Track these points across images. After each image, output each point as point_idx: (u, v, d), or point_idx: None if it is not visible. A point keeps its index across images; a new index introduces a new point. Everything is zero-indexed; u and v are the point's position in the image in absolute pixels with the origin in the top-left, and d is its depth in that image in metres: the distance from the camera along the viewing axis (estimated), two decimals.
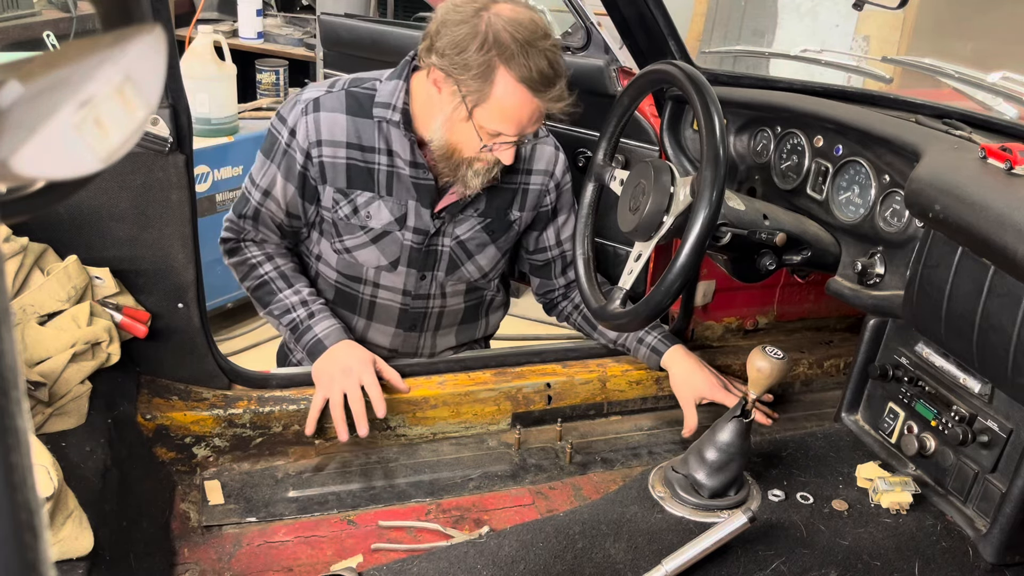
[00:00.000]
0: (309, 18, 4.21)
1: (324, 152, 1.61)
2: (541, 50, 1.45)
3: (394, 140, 1.61)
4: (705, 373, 1.74)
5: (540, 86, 1.45)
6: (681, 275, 1.29)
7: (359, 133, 1.61)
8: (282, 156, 1.63)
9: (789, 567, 1.20)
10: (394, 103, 1.59)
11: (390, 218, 1.65)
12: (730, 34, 4.06)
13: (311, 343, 1.63)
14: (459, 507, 1.54)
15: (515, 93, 1.45)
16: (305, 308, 1.66)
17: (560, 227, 1.83)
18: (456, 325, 1.85)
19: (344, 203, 1.64)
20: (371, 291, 1.74)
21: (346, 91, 1.62)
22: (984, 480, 1.30)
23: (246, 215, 1.69)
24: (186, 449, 1.56)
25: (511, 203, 1.74)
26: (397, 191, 1.64)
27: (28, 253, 1.37)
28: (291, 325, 1.66)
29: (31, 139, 0.31)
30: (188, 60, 2.80)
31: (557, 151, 1.77)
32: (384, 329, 1.78)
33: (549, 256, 1.85)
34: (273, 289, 1.68)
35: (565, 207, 1.81)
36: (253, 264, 1.70)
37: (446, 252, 1.71)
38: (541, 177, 1.75)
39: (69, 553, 1.07)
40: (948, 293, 1.27)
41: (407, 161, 1.62)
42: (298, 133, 1.61)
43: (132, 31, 0.36)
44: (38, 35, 3.02)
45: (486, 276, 1.79)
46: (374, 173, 1.63)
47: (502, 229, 1.75)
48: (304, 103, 1.62)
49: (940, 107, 1.67)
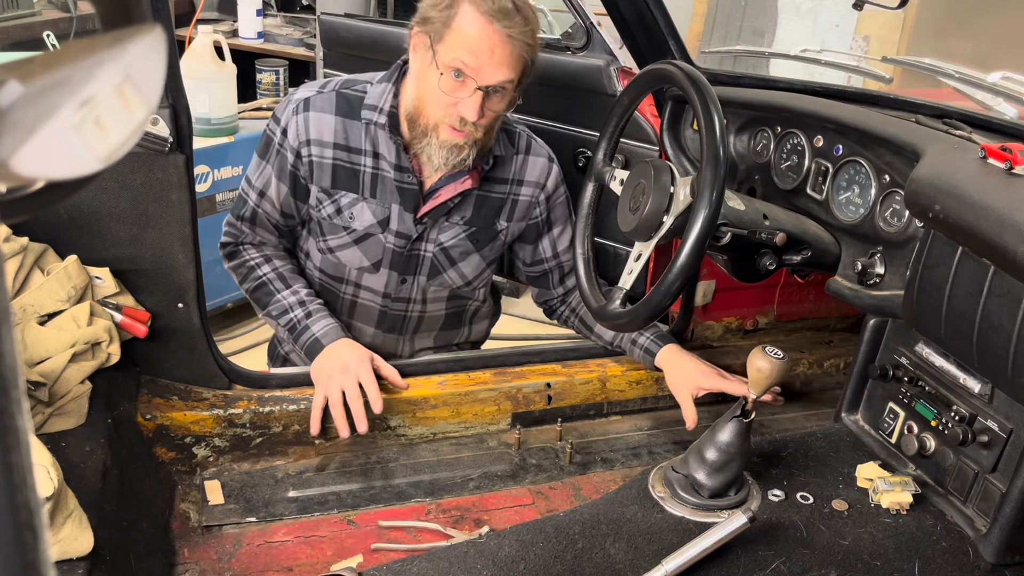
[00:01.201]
0: (309, 18, 4.21)
1: (313, 151, 1.62)
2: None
3: (380, 143, 1.62)
4: (699, 365, 1.74)
5: (498, 15, 1.46)
6: (681, 275, 1.29)
7: (347, 134, 1.62)
8: (275, 156, 1.64)
9: (789, 567, 1.20)
10: (381, 106, 1.60)
11: (373, 220, 1.65)
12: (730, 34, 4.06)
13: (309, 342, 1.63)
14: (459, 507, 1.54)
15: (472, 20, 1.47)
16: (303, 308, 1.66)
17: (556, 239, 1.82)
18: (436, 331, 1.85)
19: (328, 203, 1.65)
20: (352, 291, 1.74)
21: (337, 92, 1.63)
22: (984, 480, 1.30)
23: (244, 216, 1.69)
24: (186, 449, 1.56)
25: (498, 213, 1.73)
26: (381, 194, 1.64)
27: (28, 253, 1.37)
28: (289, 325, 1.66)
29: (31, 139, 0.31)
30: (188, 60, 2.80)
31: (551, 163, 1.76)
32: (364, 329, 1.78)
33: (546, 267, 1.85)
34: (271, 290, 1.68)
35: (560, 219, 1.81)
36: (252, 266, 1.71)
37: (428, 257, 1.71)
38: (532, 188, 1.74)
39: (69, 553, 1.07)
40: (948, 293, 1.27)
41: (392, 164, 1.62)
42: (289, 132, 1.62)
43: (132, 31, 0.36)
44: (38, 35, 3.02)
45: (469, 284, 1.79)
46: (359, 175, 1.63)
47: (487, 239, 1.74)
48: (295, 102, 1.63)
49: (940, 107, 1.68)
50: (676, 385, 1.74)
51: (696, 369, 1.73)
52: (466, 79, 1.48)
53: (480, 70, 1.48)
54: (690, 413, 1.71)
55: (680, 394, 1.73)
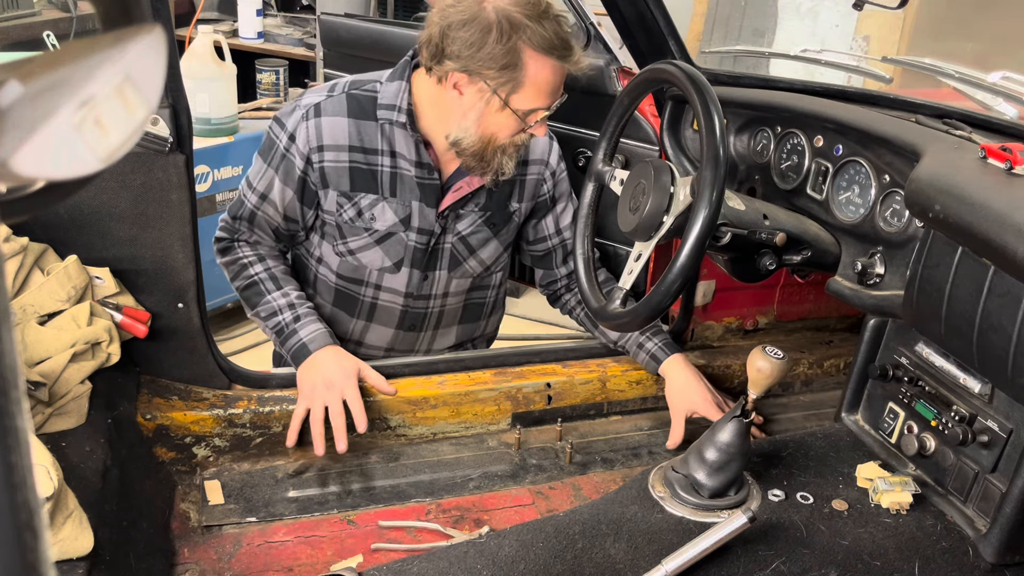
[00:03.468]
0: (309, 18, 4.21)
1: (326, 157, 1.61)
2: (552, 18, 1.50)
3: (398, 141, 1.61)
4: (702, 388, 1.72)
5: (564, 51, 1.50)
6: (681, 275, 1.29)
7: (361, 135, 1.61)
8: (280, 160, 1.63)
9: (789, 567, 1.20)
10: (399, 104, 1.60)
11: (395, 219, 1.65)
12: (730, 34, 4.06)
13: (296, 347, 1.62)
14: (459, 507, 1.54)
15: (546, 66, 1.50)
16: (292, 311, 1.65)
17: (559, 215, 1.83)
18: (456, 324, 1.85)
19: (348, 206, 1.64)
20: (372, 293, 1.73)
21: (347, 94, 1.62)
22: (984, 480, 1.29)
23: (241, 216, 1.68)
24: (186, 449, 1.56)
25: (510, 195, 1.74)
26: (401, 192, 1.64)
27: (28, 253, 1.37)
28: (276, 328, 1.65)
29: (31, 139, 0.31)
30: (188, 60, 2.80)
31: (551, 140, 1.78)
32: (383, 331, 1.78)
33: (549, 245, 1.85)
34: (262, 290, 1.67)
35: (563, 195, 1.82)
36: (244, 264, 1.69)
37: (448, 249, 1.71)
38: (537, 167, 1.76)
39: (69, 553, 1.07)
40: (948, 293, 1.27)
41: (412, 161, 1.62)
42: (298, 138, 1.60)
43: (132, 31, 0.36)
44: (38, 35, 3.02)
45: (488, 269, 1.80)
46: (377, 175, 1.63)
47: (503, 221, 1.75)
48: (304, 108, 1.61)
49: (940, 107, 1.67)
50: (674, 400, 1.73)
51: (700, 394, 1.71)
52: (541, 112, 1.55)
53: (553, 100, 1.56)
54: (678, 433, 1.70)
55: (675, 410, 1.72)
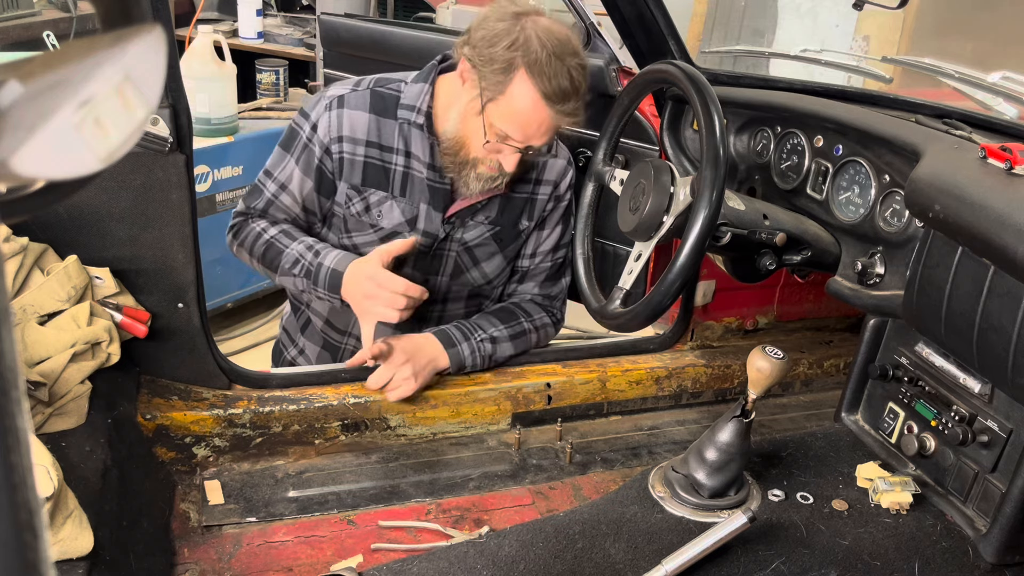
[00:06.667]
0: (309, 18, 4.21)
1: (344, 148, 1.62)
2: (566, 65, 1.47)
3: (414, 142, 1.62)
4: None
5: (555, 97, 1.47)
6: (681, 275, 1.29)
7: (380, 132, 1.62)
8: (302, 150, 1.64)
9: (789, 567, 1.20)
10: (419, 106, 1.61)
11: (401, 219, 1.65)
12: (730, 34, 4.06)
13: (328, 278, 1.61)
14: (459, 507, 1.54)
15: (527, 96, 1.47)
16: (311, 251, 1.64)
17: (542, 240, 1.80)
18: None
19: (357, 200, 1.65)
20: None
21: (371, 90, 1.64)
22: (984, 480, 1.30)
23: (256, 207, 1.69)
24: (186, 449, 1.56)
25: (521, 213, 1.74)
26: (410, 193, 1.64)
27: (28, 253, 1.37)
28: (304, 272, 1.64)
29: (31, 139, 0.31)
30: (188, 60, 2.79)
31: (568, 166, 1.77)
32: (383, 329, 1.77)
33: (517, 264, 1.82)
34: (280, 248, 1.66)
35: (552, 221, 1.80)
36: (258, 232, 1.68)
37: (452, 257, 1.71)
38: (548, 188, 1.76)
39: (69, 553, 1.07)
40: (948, 293, 1.27)
41: (426, 164, 1.62)
42: (320, 127, 1.62)
43: (132, 31, 0.36)
44: (38, 35, 3.01)
45: (490, 283, 1.79)
46: (390, 173, 1.64)
47: (511, 238, 1.75)
48: (329, 99, 1.63)
49: (940, 107, 1.68)
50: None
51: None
52: (510, 141, 1.52)
53: (526, 140, 1.52)
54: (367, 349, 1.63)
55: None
